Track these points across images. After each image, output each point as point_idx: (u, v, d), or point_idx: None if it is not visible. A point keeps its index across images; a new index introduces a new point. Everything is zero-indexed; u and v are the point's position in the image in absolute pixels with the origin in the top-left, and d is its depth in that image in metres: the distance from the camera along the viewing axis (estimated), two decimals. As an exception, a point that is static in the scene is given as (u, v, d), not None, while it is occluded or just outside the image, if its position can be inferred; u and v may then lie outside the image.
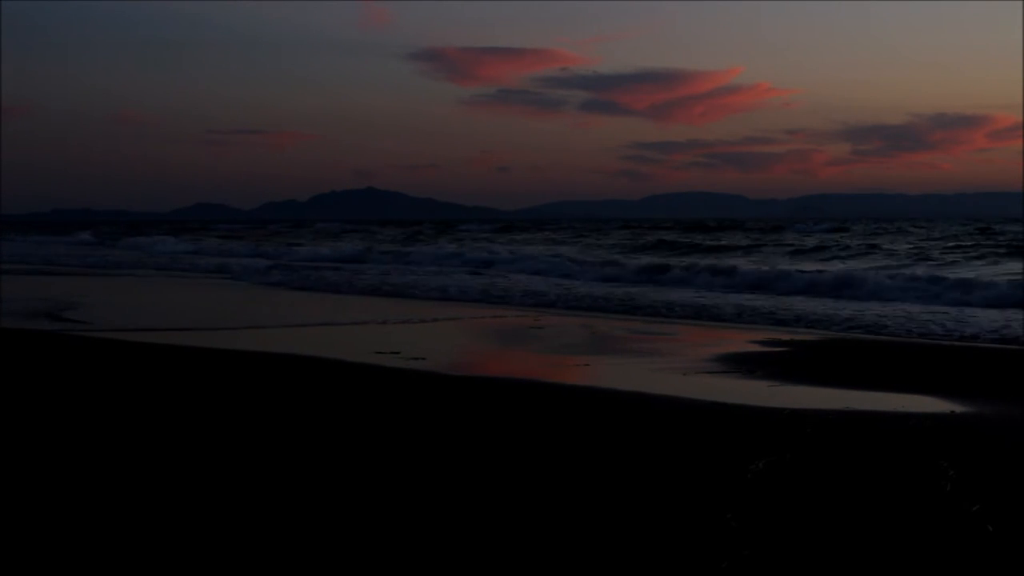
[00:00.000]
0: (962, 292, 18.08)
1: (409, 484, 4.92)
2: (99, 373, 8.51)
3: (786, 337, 12.54)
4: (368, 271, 28.52)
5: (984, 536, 4.17)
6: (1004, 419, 6.97)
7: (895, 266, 28.29)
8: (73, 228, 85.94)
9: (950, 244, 40.35)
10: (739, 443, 5.90)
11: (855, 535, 4.21)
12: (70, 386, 7.79)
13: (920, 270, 23.90)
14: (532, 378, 9.13)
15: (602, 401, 7.55)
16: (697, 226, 77.53)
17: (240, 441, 5.86)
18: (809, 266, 28.08)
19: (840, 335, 13.00)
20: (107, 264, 33.85)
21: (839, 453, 5.68)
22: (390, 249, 42.63)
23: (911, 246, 39.86)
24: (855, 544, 4.10)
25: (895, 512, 4.51)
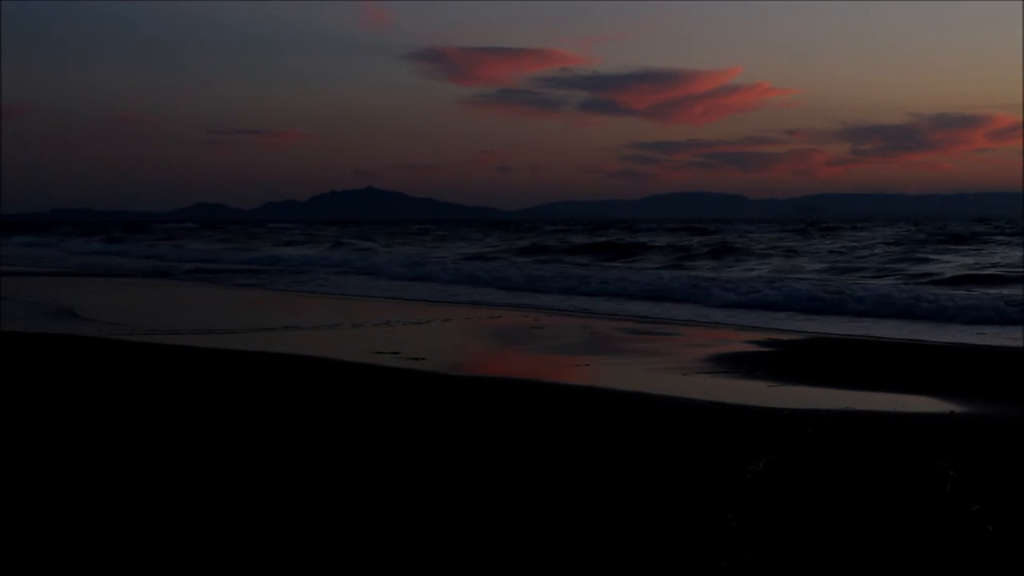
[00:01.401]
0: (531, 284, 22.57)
1: (409, 484, 4.92)
2: (93, 373, 8.51)
3: (785, 338, 12.54)
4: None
5: (984, 536, 4.17)
6: (1004, 419, 6.96)
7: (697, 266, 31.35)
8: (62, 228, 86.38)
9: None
10: (739, 443, 5.90)
11: (855, 535, 4.21)
12: (60, 386, 7.79)
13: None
14: (532, 378, 9.12)
15: (602, 401, 7.54)
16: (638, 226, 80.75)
17: (241, 441, 5.86)
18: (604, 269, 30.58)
19: (830, 335, 13.00)
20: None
21: (839, 453, 5.68)
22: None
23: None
24: (855, 544, 4.10)
25: (895, 512, 4.51)
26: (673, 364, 9.97)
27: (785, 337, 12.56)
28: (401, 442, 5.89)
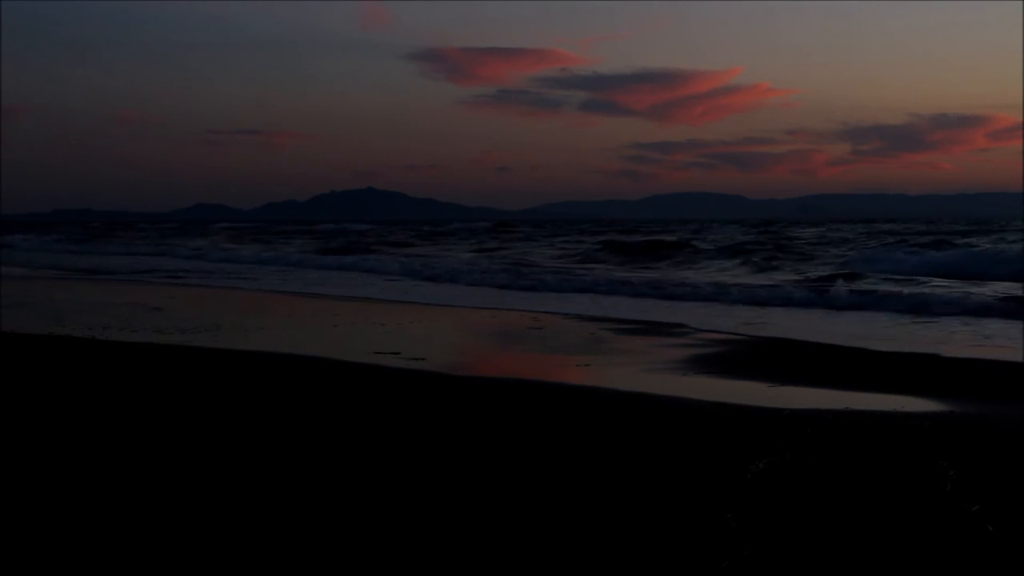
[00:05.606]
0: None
1: (409, 484, 4.92)
2: (90, 373, 8.51)
3: (780, 337, 12.54)
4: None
5: (984, 536, 4.17)
6: (1004, 419, 6.96)
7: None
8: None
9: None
10: (739, 443, 5.89)
11: (855, 535, 4.21)
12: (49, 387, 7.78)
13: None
14: (532, 378, 9.12)
15: (602, 401, 7.54)
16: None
17: (241, 441, 5.86)
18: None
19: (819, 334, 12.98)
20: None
21: (839, 453, 5.67)
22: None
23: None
24: (855, 544, 4.10)
25: (895, 512, 4.50)
26: (672, 364, 9.97)
27: (781, 337, 12.56)
28: (401, 442, 5.88)
